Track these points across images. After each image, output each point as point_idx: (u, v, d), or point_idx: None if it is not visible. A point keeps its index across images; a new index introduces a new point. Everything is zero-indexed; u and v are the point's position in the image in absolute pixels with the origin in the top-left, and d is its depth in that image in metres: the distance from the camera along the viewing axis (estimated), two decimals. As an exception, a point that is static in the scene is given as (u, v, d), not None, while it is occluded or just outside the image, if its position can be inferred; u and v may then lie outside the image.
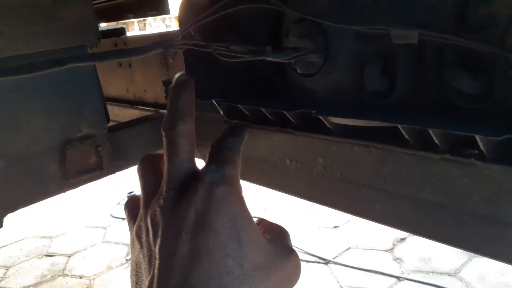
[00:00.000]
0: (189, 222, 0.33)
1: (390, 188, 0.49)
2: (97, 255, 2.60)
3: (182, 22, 0.56)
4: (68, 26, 0.68)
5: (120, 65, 1.07)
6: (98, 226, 2.97)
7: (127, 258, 2.51)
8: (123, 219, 3.01)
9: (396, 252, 2.27)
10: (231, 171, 0.37)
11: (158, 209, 0.35)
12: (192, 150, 0.39)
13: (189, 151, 0.39)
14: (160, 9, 1.35)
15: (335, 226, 2.59)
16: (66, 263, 2.55)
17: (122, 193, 3.27)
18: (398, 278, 2.05)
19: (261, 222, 0.43)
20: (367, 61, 0.48)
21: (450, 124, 0.40)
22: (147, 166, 0.42)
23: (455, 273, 2.04)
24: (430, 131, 0.41)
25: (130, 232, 0.40)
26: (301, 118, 0.54)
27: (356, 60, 0.49)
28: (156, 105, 1.00)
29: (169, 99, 0.41)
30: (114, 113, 1.10)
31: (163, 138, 0.39)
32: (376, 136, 0.49)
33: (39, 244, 2.81)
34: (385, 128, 0.46)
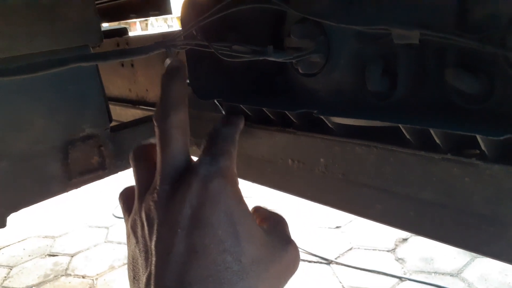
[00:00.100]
0: (185, 218, 0.32)
1: (392, 188, 0.49)
2: (100, 255, 2.60)
3: (184, 22, 0.56)
4: (70, 26, 0.68)
5: (123, 65, 1.07)
6: (101, 226, 2.98)
7: (130, 258, 2.51)
8: (126, 219, 3.01)
9: (398, 253, 2.26)
10: (226, 163, 0.36)
11: (153, 204, 0.35)
12: (186, 141, 0.38)
13: (183, 142, 0.37)
14: (162, 9, 1.35)
15: (337, 226, 2.59)
16: (69, 263, 2.55)
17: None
18: (400, 279, 2.05)
19: (258, 211, 0.42)
20: (368, 61, 0.48)
21: (451, 124, 0.40)
22: (140, 157, 0.40)
23: (458, 274, 2.04)
24: (431, 131, 0.41)
25: (126, 224, 0.39)
26: (303, 118, 0.54)
27: (358, 60, 0.49)
28: (158, 105, 1.00)
29: (160, 87, 0.39)
30: (117, 113, 1.10)
31: (155, 129, 0.37)
32: (378, 136, 0.49)
33: (42, 244, 2.82)
34: (387, 128, 0.46)
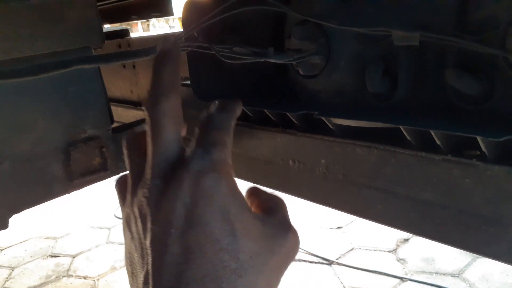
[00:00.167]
0: (178, 218, 0.31)
1: (392, 189, 0.49)
2: (102, 256, 2.60)
3: (186, 24, 0.56)
4: (73, 28, 0.68)
5: (124, 66, 1.07)
6: (102, 227, 2.97)
7: (131, 259, 2.51)
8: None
9: (400, 253, 2.26)
10: (219, 156, 0.33)
11: (145, 200, 0.33)
12: (178, 130, 0.36)
13: (174, 132, 0.35)
14: (164, 11, 1.35)
15: (339, 227, 2.58)
16: (71, 264, 2.55)
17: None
18: (402, 279, 2.05)
19: (255, 193, 0.40)
20: (369, 63, 0.48)
21: (452, 126, 0.40)
22: (133, 145, 0.38)
23: (459, 274, 2.04)
24: (432, 132, 0.41)
25: (122, 215, 0.38)
26: (304, 119, 0.54)
27: (358, 62, 0.49)
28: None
29: (152, 72, 0.37)
30: (118, 114, 1.10)
31: (146, 118, 0.35)
32: (378, 137, 0.49)
33: (44, 245, 2.82)
34: (387, 129, 0.46)
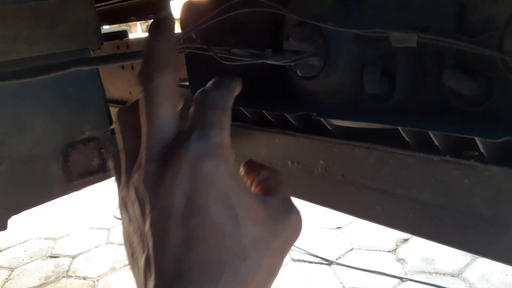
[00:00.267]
0: (177, 204, 0.30)
1: (391, 190, 0.49)
2: (101, 257, 2.60)
3: (184, 26, 0.56)
4: (71, 29, 0.68)
5: (123, 68, 1.07)
6: (102, 228, 2.97)
7: (131, 259, 2.51)
8: (127, 221, 3.01)
9: (399, 253, 2.26)
10: (218, 139, 0.31)
11: (141, 184, 0.31)
12: (174, 108, 0.33)
13: (170, 110, 0.33)
14: (163, 11, 1.35)
15: (338, 227, 2.58)
16: (70, 264, 2.55)
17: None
18: (401, 279, 2.05)
19: (251, 169, 0.38)
20: (367, 64, 0.48)
21: (450, 127, 0.40)
22: (127, 120, 0.36)
23: (459, 274, 2.04)
24: (430, 133, 0.41)
25: (118, 193, 0.36)
26: (302, 120, 0.54)
27: (356, 63, 0.49)
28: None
29: (145, 44, 0.34)
30: (117, 115, 1.10)
31: (139, 94, 0.33)
32: (377, 138, 0.49)
33: (43, 246, 2.82)
34: (386, 130, 0.46)
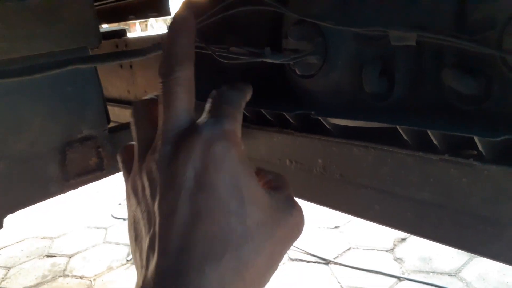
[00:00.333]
0: (188, 181, 0.32)
1: (389, 189, 0.49)
2: (98, 256, 2.60)
3: (182, 24, 0.56)
4: (69, 28, 0.68)
5: (121, 66, 1.07)
6: (99, 227, 2.97)
7: (128, 259, 2.51)
8: (124, 220, 3.01)
9: (397, 252, 2.27)
10: (230, 127, 0.34)
11: (154, 165, 0.34)
12: (191, 99, 0.36)
13: (187, 101, 0.35)
14: (161, 10, 1.35)
15: (336, 226, 2.59)
16: (67, 264, 2.55)
17: (123, 194, 3.26)
18: (399, 278, 2.05)
19: (260, 172, 0.41)
20: (366, 63, 0.48)
21: (449, 125, 0.40)
22: (142, 113, 0.38)
23: (456, 273, 2.04)
24: (429, 132, 0.41)
25: (126, 185, 0.38)
26: (301, 119, 0.54)
27: (355, 62, 0.49)
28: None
29: (166, 41, 0.37)
30: (115, 114, 1.10)
31: (159, 85, 0.35)
32: (375, 137, 0.49)
33: (40, 245, 2.81)
34: (384, 129, 0.46)
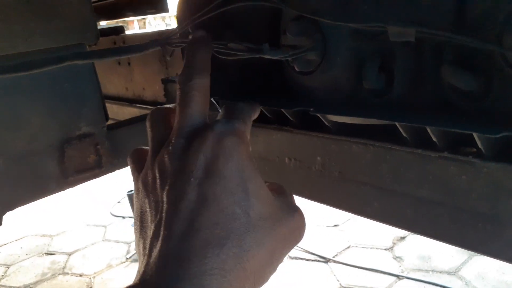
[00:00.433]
0: (198, 168, 0.34)
1: (389, 186, 0.49)
2: (98, 254, 2.60)
3: (180, 20, 0.56)
4: (67, 25, 0.68)
5: (119, 63, 1.07)
6: (99, 225, 2.97)
7: (127, 257, 2.51)
8: (123, 218, 3.01)
9: (396, 251, 2.27)
10: (241, 127, 0.38)
11: (167, 156, 0.36)
12: (206, 105, 0.40)
13: (202, 105, 0.39)
14: (159, 7, 1.35)
15: (335, 225, 2.59)
16: (67, 262, 2.55)
17: (122, 192, 3.26)
18: (398, 277, 2.05)
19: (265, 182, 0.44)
20: (365, 59, 0.48)
21: (448, 122, 0.40)
22: (158, 117, 0.41)
23: (455, 272, 2.04)
24: (428, 129, 0.40)
25: (135, 183, 0.40)
26: (299, 116, 0.54)
27: (354, 58, 0.49)
28: (155, 103, 1.00)
29: (186, 54, 0.42)
30: (113, 111, 1.10)
31: (177, 91, 0.39)
32: (374, 134, 0.49)
33: (40, 243, 2.81)
34: (383, 126, 0.46)
